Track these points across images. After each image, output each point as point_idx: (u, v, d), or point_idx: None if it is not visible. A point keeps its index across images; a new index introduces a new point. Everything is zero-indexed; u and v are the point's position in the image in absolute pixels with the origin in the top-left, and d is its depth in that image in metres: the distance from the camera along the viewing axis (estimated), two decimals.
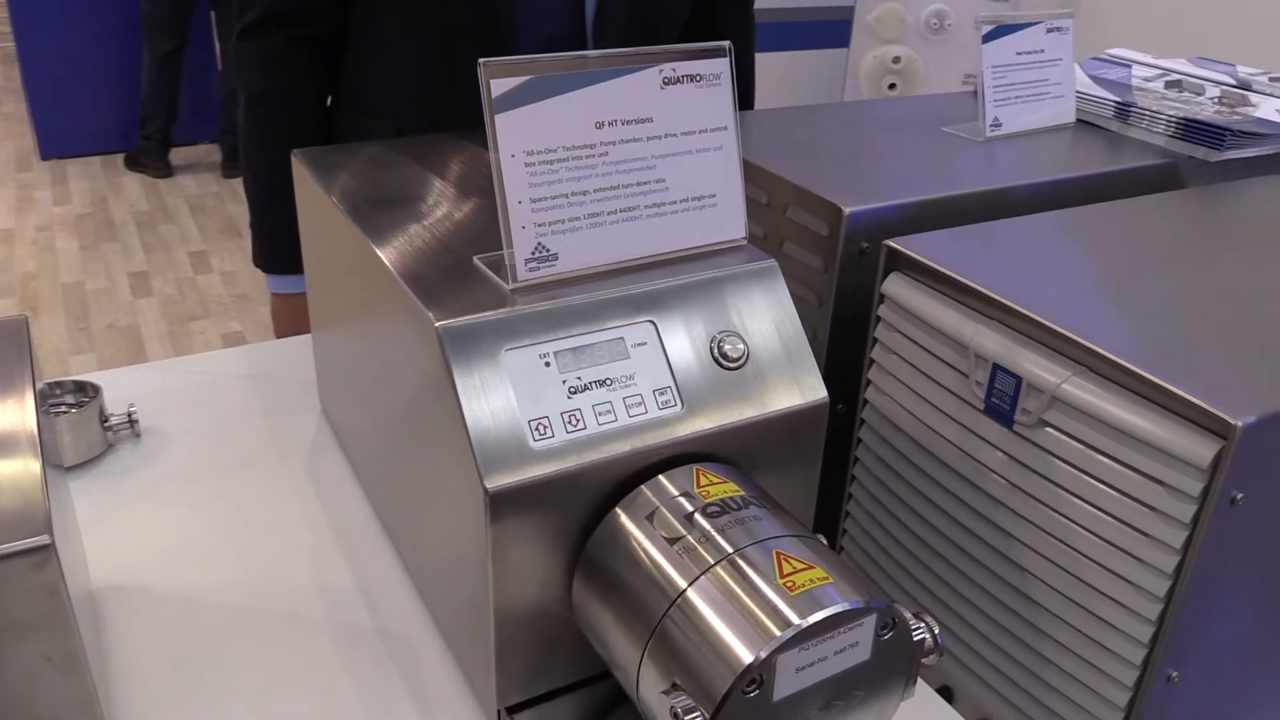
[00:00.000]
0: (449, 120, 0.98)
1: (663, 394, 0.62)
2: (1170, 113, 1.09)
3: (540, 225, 0.62)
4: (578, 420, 0.59)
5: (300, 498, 0.89)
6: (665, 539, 0.57)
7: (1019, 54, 1.11)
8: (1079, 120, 1.17)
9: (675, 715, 0.50)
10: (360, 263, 0.73)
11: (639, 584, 0.56)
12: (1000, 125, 1.10)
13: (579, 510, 0.60)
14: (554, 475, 0.58)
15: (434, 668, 0.72)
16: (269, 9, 1.14)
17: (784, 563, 0.53)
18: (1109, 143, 1.11)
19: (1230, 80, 1.28)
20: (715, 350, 0.64)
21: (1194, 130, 1.06)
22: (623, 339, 0.62)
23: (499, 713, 0.64)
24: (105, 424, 0.92)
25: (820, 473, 0.69)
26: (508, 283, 0.62)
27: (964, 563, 0.78)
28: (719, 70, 0.66)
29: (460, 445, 0.58)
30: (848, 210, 0.87)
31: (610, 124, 0.63)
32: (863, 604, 0.51)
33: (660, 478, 0.60)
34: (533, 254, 0.62)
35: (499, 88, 0.59)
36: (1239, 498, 0.60)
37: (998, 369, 0.72)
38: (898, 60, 3.15)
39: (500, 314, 0.60)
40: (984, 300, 0.74)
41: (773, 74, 3.38)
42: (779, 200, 0.95)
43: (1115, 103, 1.15)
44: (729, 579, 0.53)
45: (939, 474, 0.79)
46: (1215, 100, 1.18)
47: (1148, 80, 1.27)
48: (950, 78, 3.17)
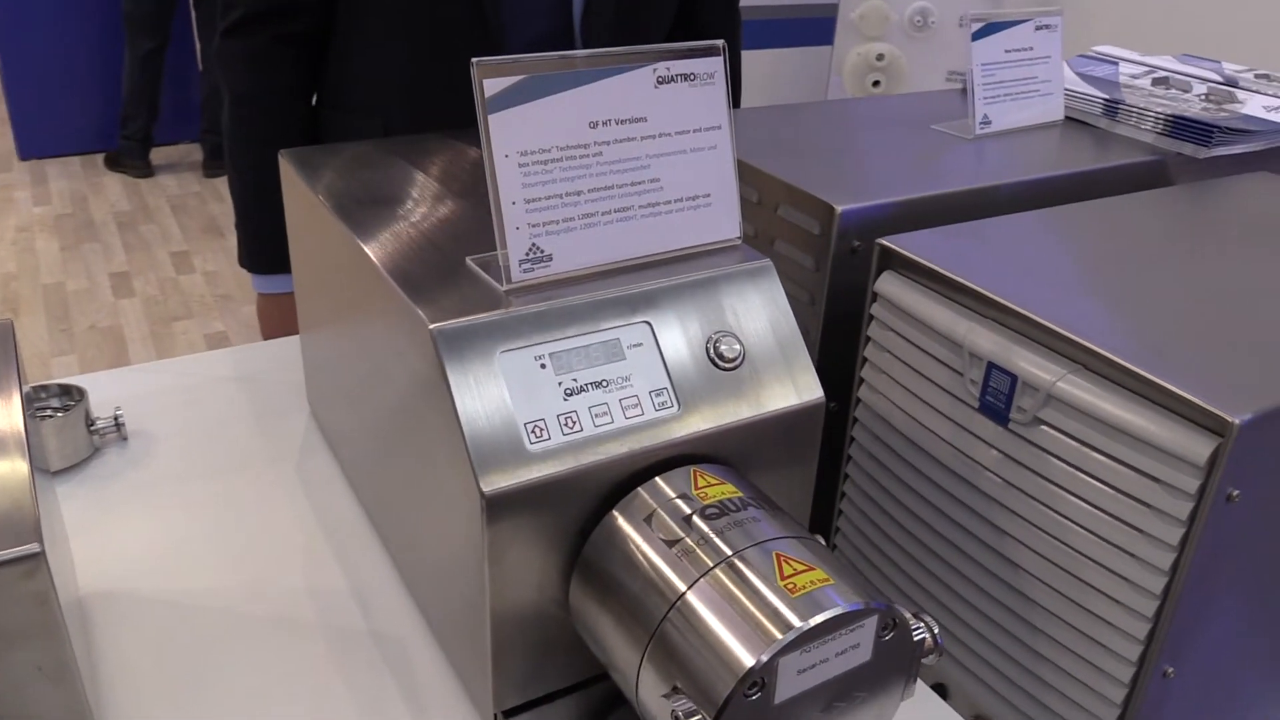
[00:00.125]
0: (436, 118, 0.97)
1: (659, 395, 0.61)
2: (1158, 110, 1.10)
3: (534, 226, 0.61)
4: (574, 422, 0.59)
5: (290, 500, 0.88)
6: (664, 541, 0.56)
7: (1008, 51, 1.11)
8: (1067, 117, 1.18)
9: (677, 719, 0.49)
10: (351, 265, 0.72)
11: (638, 587, 0.56)
12: (990, 123, 1.10)
13: (576, 513, 0.60)
14: (551, 478, 0.57)
15: (428, 671, 0.71)
16: (253, 7, 1.13)
17: (784, 564, 0.53)
18: (1098, 140, 1.11)
19: (1216, 77, 1.28)
20: (711, 351, 0.63)
21: (1182, 127, 1.07)
22: (618, 340, 0.62)
23: (495, 716, 0.64)
24: (91, 428, 0.91)
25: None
26: (502, 284, 0.61)
27: (959, 561, 0.78)
28: (713, 69, 0.65)
29: (456, 448, 0.57)
30: (840, 209, 0.87)
31: (604, 124, 0.62)
32: (864, 605, 0.51)
33: (658, 479, 0.60)
34: (527, 255, 0.61)
35: (492, 88, 0.58)
36: (1235, 495, 0.60)
37: (992, 367, 0.71)
38: (881, 58, 3.15)
39: (495, 315, 0.59)
40: (978, 298, 0.74)
41: (757, 71, 3.39)
42: (770, 199, 0.95)
43: (1103, 100, 1.15)
44: (729, 581, 0.53)
45: (933, 472, 0.78)
46: (1202, 97, 1.18)
47: (1135, 77, 1.27)
48: (934, 75, 3.17)
